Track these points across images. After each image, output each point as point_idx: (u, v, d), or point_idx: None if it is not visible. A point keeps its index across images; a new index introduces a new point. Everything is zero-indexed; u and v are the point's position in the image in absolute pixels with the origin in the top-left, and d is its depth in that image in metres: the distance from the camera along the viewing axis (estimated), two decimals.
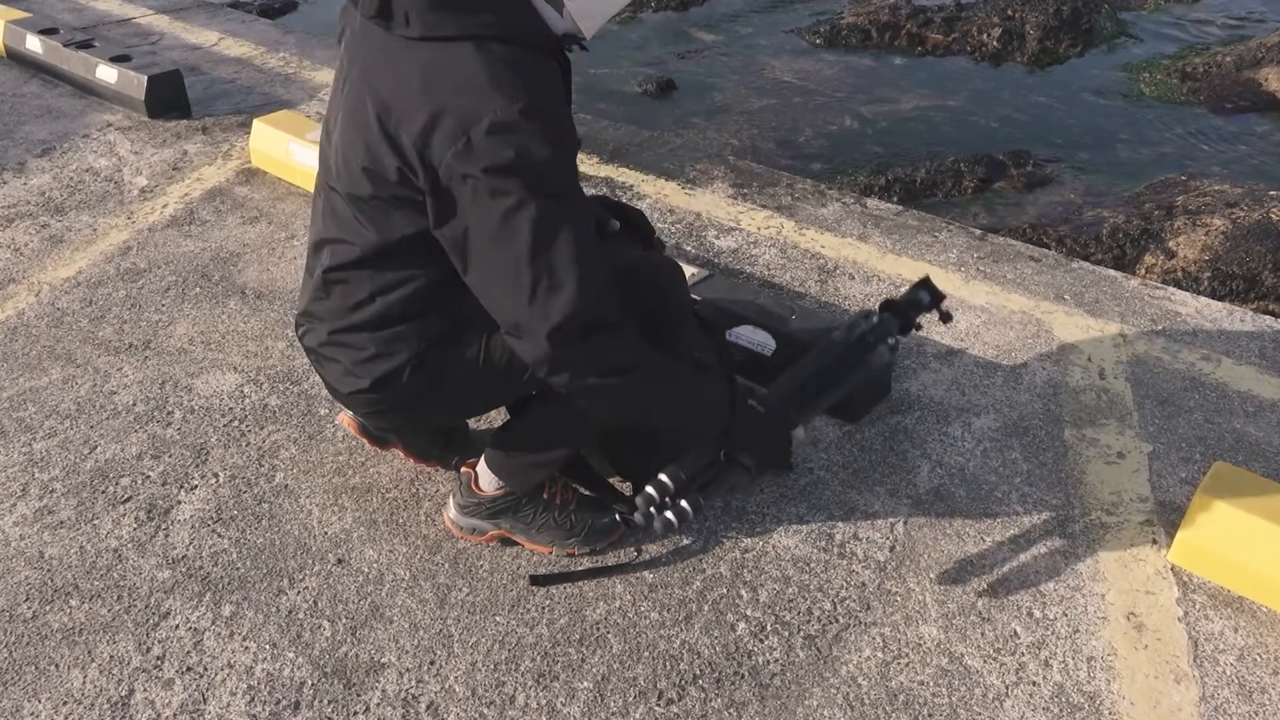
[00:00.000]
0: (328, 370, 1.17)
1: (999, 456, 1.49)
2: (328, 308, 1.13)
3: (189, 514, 1.37)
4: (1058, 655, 1.18)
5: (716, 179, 2.33)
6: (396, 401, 1.14)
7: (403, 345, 1.10)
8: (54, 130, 2.51)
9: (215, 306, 1.83)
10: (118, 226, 2.09)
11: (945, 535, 1.35)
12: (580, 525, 1.28)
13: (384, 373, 1.11)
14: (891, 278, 1.95)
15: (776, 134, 3.36)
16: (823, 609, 1.24)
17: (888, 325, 1.23)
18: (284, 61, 2.99)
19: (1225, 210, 2.69)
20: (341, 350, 1.13)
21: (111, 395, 1.60)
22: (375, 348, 1.10)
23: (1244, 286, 2.41)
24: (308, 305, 1.16)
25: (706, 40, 4.23)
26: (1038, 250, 2.08)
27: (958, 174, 3.00)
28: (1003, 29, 4.10)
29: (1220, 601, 1.25)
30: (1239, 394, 1.64)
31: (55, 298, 1.85)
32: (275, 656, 1.16)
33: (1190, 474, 1.46)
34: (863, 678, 1.15)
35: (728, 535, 1.34)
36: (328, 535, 1.33)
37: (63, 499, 1.39)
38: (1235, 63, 3.78)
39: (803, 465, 1.46)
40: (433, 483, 1.42)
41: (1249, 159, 3.20)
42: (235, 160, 2.38)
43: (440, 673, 1.15)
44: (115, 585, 1.26)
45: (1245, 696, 1.14)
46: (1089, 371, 1.68)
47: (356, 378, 1.13)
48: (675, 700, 1.12)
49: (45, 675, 1.15)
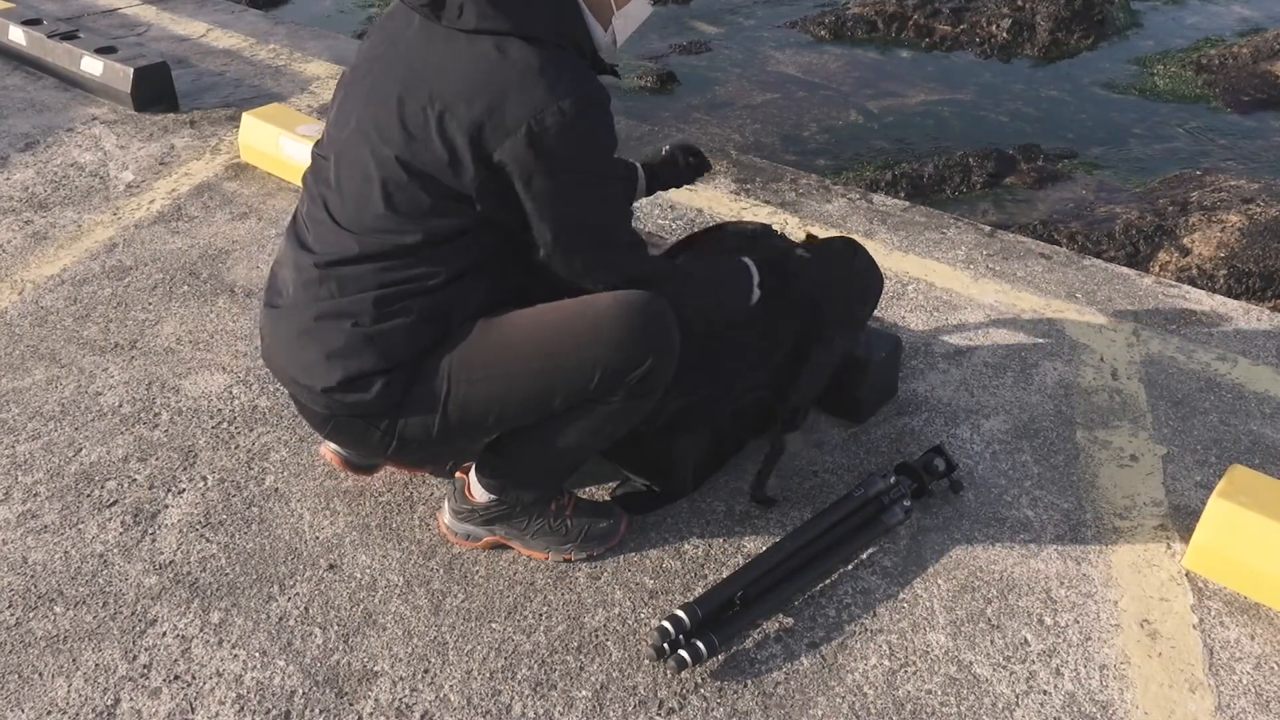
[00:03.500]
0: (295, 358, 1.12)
1: (1009, 459, 1.46)
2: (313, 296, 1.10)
3: (176, 518, 1.34)
4: (1069, 663, 1.16)
5: (719, 174, 2.30)
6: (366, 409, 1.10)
7: (385, 347, 1.07)
8: (38, 124, 2.48)
9: (203, 305, 1.80)
10: (103, 223, 2.07)
11: (954, 540, 1.32)
12: (576, 531, 1.26)
13: (356, 372, 1.08)
14: (899, 275, 1.91)
15: (780, 128, 3.32)
16: (827, 615, 1.21)
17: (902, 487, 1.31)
18: (274, 53, 2.95)
19: (1241, 206, 2.65)
20: (317, 340, 1.09)
21: (97, 396, 1.58)
22: (358, 342, 1.07)
23: (1261, 284, 2.37)
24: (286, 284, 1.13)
25: (708, 32, 4.18)
26: (1048, 247, 2.05)
27: (966, 169, 2.96)
28: (1013, 20, 4.05)
29: (1236, 608, 1.23)
30: (1256, 395, 1.61)
31: (39, 296, 1.83)
32: (265, 665, 1.14)
33: (1205, 477, 1.43)
34: (869, 686, 1.13)
35: (730, 539, 1.31)
36: (319, 540, 1.31)
37: (47, 503, 1.37)
38: (1252, 55, 3.74)
39: (807, 468, 1.43)
40: (427, 486, 1.39)
41: (1266, 153, 3.16)
42: (224, 155, 2.35)
43: (434, 681, 1.12)
44: (101, 591, 1.23)
45: (1262, 706, 1.12)
46: (1101, 372, 1.65)
47: (327, 371, 1.09)
48: (676, 710, 1.10)
49: (29, 684, 1.12)
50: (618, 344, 1.06)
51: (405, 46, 1.05)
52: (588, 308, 1.09)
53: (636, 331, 1.07)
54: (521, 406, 1.11)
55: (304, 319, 1.10)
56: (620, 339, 1.06)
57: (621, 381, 1.08)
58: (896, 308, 1.81)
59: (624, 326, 1.07)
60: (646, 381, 1.09)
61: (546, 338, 1.09)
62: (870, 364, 1.46)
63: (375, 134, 1.04)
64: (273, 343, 1.15)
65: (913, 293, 1.86)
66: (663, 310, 1.09)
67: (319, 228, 1.10)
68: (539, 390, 1.09)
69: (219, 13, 3.28)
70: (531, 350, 1.09)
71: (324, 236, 1.10)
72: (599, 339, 1.07)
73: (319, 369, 1.09)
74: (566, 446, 1.15)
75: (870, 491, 1.30)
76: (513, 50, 0.99)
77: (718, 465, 1.41)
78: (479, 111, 0.98)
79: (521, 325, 1.10)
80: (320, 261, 1.09)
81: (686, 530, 1.33)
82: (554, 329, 1.09)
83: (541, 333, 1.09)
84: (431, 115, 1.00)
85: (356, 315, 1.07)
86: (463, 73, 1.00)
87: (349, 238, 1.07)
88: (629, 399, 1.10)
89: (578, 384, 1.08)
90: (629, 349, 1.06)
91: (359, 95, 1.09)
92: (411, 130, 1.01)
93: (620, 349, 1.06)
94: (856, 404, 1.50)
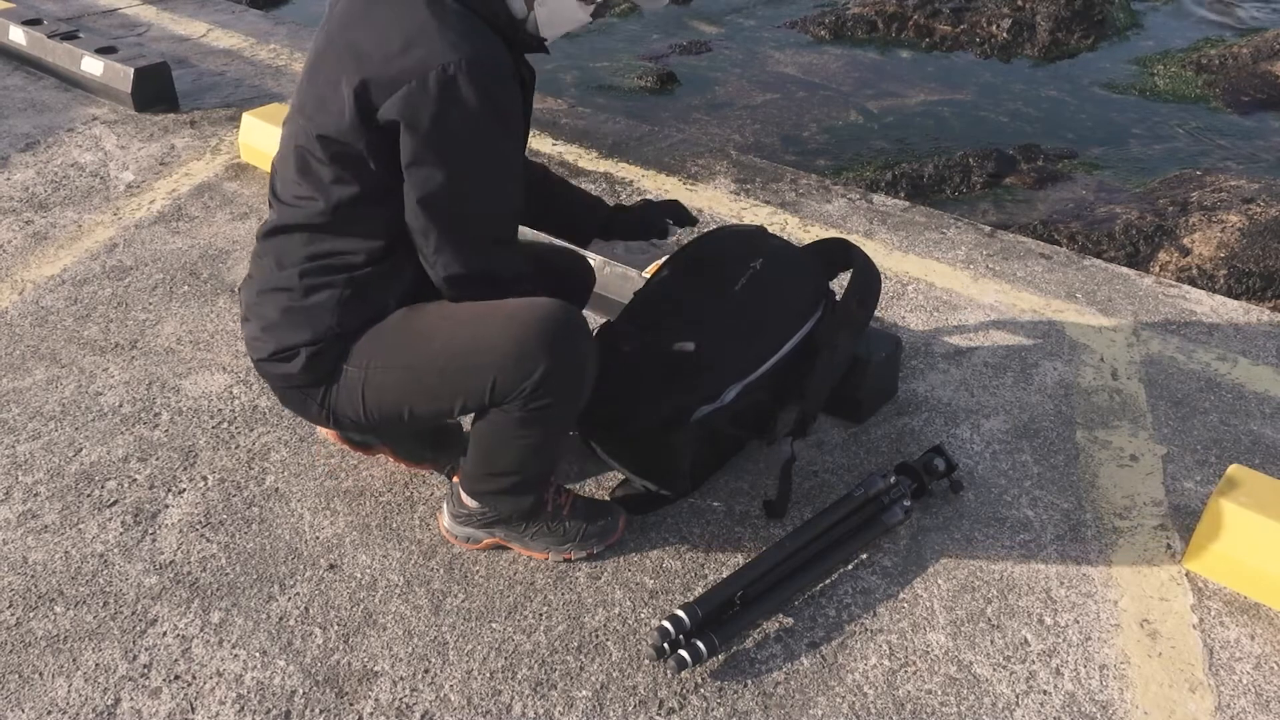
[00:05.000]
0: (248, 332, 1.17)
1: (1009, 459, 1.46)
2: (258, 271, 1.15)
3: (177, 518, 1.34)
4: (1069, 663, 1.16)
5: (719, 174, 2.29)
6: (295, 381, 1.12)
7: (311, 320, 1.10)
8: (38, 124, 2.48)
9: (204, 305, 1.80)
10: (103, 223, 2.06)
11: (954, 540, 1.32)
12: (575, 530, 1.25)
13: (284, 345, 1.11)
14: (899, 275, 1.91)
15: (780, 129, 3.32)
16: (827, 615, 1.21)
17: (902, 487, 1.30)
18: (274, 53, 2.95)
19: (1241, 206, 2.65)
20: (259, 313, 1.14)
21: (97, 396, 1.58)
22: (289, 315, 1.10)
23: (1261, 284, 2.37)
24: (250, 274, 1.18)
25: (708, 32, 4.18)
26: (1048, 247, 2.05)
27: (966, 169, 2.96)
28: (1013, 20, 4.05)
29: (1236, 608, 1.23)
30: (1256, 395, 1.61)
31: (39, 296, 1.83)
32: (265, 664, 1.14)
33: (1205, 477, 1.43)
34: (869, 686, 1.13)
35: (730, 539, 1.31)
36: (319, 540, 1.31)
37: (47, 502, 1.37)
38: (1252, 55, 3.73)
39: (807, 468, 1.43)
40: (427, 486, 1.39)
41: (1266, 153, 3.16)
42: (224, 155, 2.35)
43: (435, 681, 1.12)
44: (101, 591, 1.23)
45: (1262, 705, 1.12)
46: (1101, 372, 1.65)
47: (262, 343, 1.13)
48: (676, 709, 1.10)
49: (29, 684, 1.12)
50: (509, 351, 1.04)
51: (333, 24, 1.08)
52: (498, 309, 1.07)
53: (529, 339, 1.04)
54: (427, 403, 1.10)
55: (253, 294, 1.15)
56: (512, 345, 1.04)
57: (513, 391, 1.05)
58: (896, 308, 1.81)
59: (518, 333, 1.05)
60: (541, 392, 1.05)
61: (454, 336, 1.08)
62: (870, 364, 1.46)
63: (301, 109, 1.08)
64: (243, 324, 1.19)
65: (913, 293, 1.86)
66: (565, 319, 1.06)
67: (269, 205, 1.15)
68: (440, 390, 1.09)
69: (219, 13, 3.28)
70: (439, 347, 1.08)
71: (271, 211, 1.15)
72: (496, 344, 1.05)
73: (258, 341, 1.14)
74: (510, 458, 1.13)
75: (870, 491, 1.29)
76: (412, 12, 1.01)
77: (717, 465, 1.41)
78: (370, 69, 1.00)
79: (436, 320, 1.09)
80: (259, 234, 1.14)
81: (686, 530, 1.32)
82: (462, 328, 1.08)
83: (451, 330, 1.08)
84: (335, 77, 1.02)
85: (289, 288, 1.10)
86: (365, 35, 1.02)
87: (277, 209, 1.12)
88: (526, 409, 1.06)
89: (474, 389, 1.07)
90: (519, 358, 1.04)
91: (301, 83, 1.13)
92: (319, 98, 1.05)
93: (511, 357, 1.04)
94: (856, 404, 1.50)
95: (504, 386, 1.06)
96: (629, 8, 4.40)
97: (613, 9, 1.72)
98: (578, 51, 3.89)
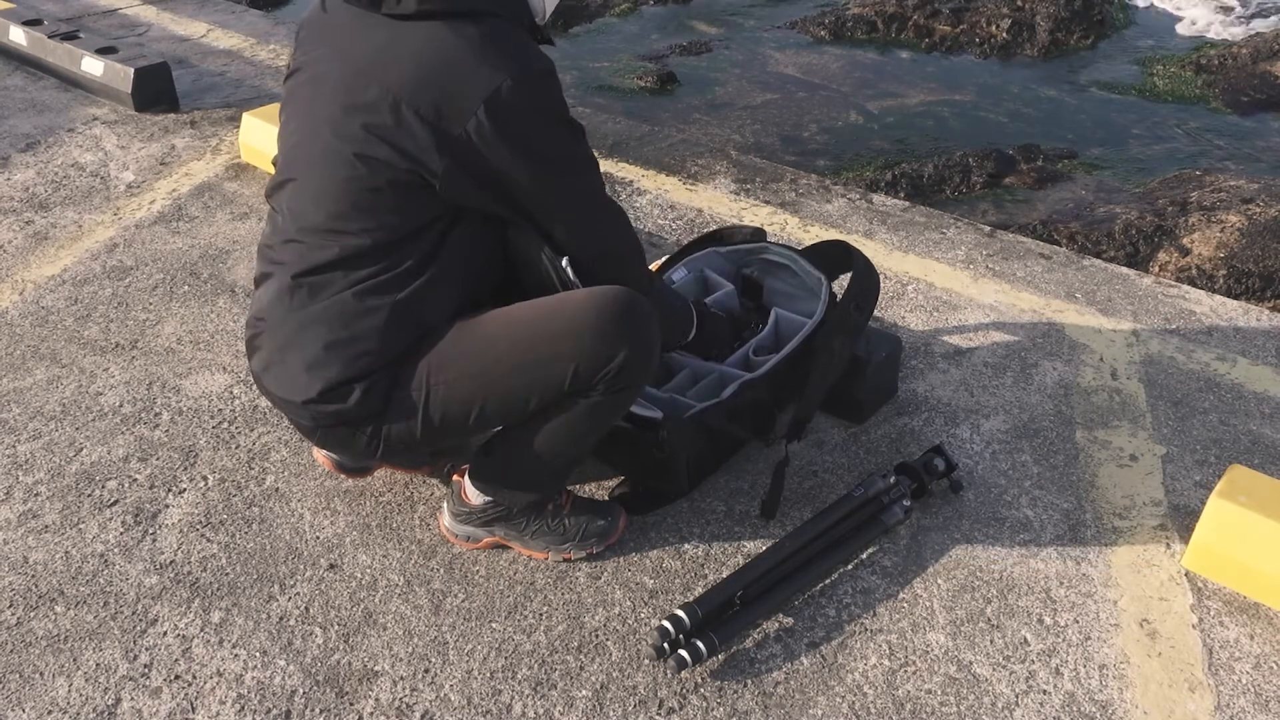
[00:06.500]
0: (278, 376, 1.11)
1: (1008, 459, 1.46)
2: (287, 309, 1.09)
3: (177, 518, 1.34)
4: (1069, 663, 1.16)
5: (719, 174, 2.29)
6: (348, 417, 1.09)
7: (359, 353, 1.07)
8: (38, 124, 2.48)
9: (204, 305, 1.80)
10: (104, 223, 2.06)
11: (954, 540, 1.32)
12: (575, 529, 1.26)
13: (335, 381, 1.07)
14: (899, 275, 1.91)
15: (780, 129, 3.32)
16: (827, 615, 1.21)
17: (902, 487, 1.30)
18: (274, 54, 2.95)
19: (1241, 206, 2.65)
20: (296, 353, 1.09)
21: (97, 396, 1.58)
22: (333, 350, 1.07)
23: (1260, 284, 2.38)
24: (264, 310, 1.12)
25: (708, 32, 4.18)
26: (1048, 247, 2.05)
27: (966, 169, 2.96)
28: (1012, 20, 4.05)
29: (1236, 608, 1.23)
30: (1255, 395, 1.61)
31: (39, 296, 1.83)
32: (266, 664, 1.14)
33: (1205, 477, 1.43)
34: (869, 686, 1.13)
35: (730, 539, 1.31)
36: (320, 540, 1.31)
37: (47, 502, 1.37)
38: (1251, 55, 3.73)
39: (807, 468, 1.43)
40: (427, 486, 1.39)
41: (1265, 154, 3.16)
42: (224, 155, 2.35)
43: (435, 681, 1.12)
44: (101, 591, 1.23)
45: (1262, 705, 1.12)
46: (1101, 372, 1.65)
47: (308, 382, 1.08)
48: (676, 709, 1.10)
49: (29, 683, 1.12)
50: (590, 339, 1.06)
51: (343, 45, 1.04)
52: (562, 304, 1.09)
53: (608, 326, 1.06)
54: (500, 405, 1.11)
55: (284, 335, 1.10)
56: (592, 334, 1.06)
57: (596, 377, 1.07)
58: (896, 308, 1.81)
59: (596, 321, 1.06)
60: (621, 376, 1.08)
61: (521, 335, 1.09)
62: (870, 364, 1.46)
63: (331, 136, 1.04)
64: (261, 371, 1.14)
65: (913, 293, 1.86)
66: (637, 305, 1.09)
67: (288, 243, 1.10)
68: (516, 388, 1.09)
69: (219, 13, 3.28)
70: (506, 348, 1.08)
71: (292, 250, 1.09)
72: (572, 334, 1.07)
73: (300, 382, 1.09)
74: (551, 446, 1.15)
75: (870, 491, 1.30)
76: (457, 30, 1.00)
77: (715, 466, 1.41)
78: (437, 95, 0.99)
79: (497, 324, 1.10)
80: (293, 273, 1.09)
81: (686, 530, 1.33)
82: (528, 326, 1.09)
83: (516, 330, 1.09)
84: (387, 107, 1.00)
85: (329, 322, 1.07)
86: (413, 60, 1.00)
87: (315, 246, 1.07)
88: (606, 394, 1.09)
89: (553, 380, 1.08)
90: (601, 344, 1.06)
91: (303, 103, 1.08)
92: (368, 126, 1.01)
93: (592, 344, 1.06)
94: (856, 404, 1.50)
95: (586, 373, 1.07)
96: (628, 8, 4.40)
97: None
98: (578, 51, 3.89)
